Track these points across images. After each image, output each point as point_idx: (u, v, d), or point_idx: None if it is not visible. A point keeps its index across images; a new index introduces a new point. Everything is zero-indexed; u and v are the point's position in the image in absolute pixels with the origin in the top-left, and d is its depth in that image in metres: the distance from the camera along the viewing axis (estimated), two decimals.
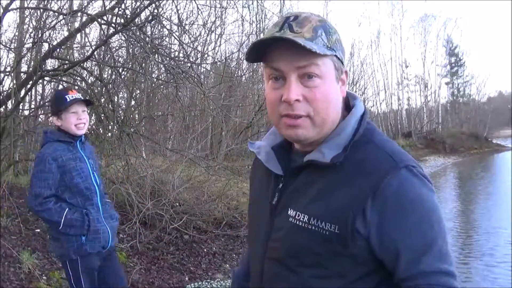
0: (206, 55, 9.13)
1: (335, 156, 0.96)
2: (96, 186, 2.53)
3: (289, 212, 1.01)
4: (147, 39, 4.94)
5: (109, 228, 2.53)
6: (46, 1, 5.44)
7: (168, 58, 5.25)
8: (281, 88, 0.96)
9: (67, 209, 2.40)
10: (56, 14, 5.20)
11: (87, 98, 2.65)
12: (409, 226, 0.92)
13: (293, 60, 0.94)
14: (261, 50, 0.97)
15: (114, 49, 5.57)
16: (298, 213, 0.99)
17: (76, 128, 2.48)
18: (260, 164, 1.14)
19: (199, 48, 8.77)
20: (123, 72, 5.79)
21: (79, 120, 2.48)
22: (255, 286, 1.10)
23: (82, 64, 4.97)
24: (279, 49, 0.95)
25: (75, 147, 2.51)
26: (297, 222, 0.98)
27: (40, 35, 5.31)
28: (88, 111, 2.63)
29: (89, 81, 5.58)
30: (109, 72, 5.95)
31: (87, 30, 5.45)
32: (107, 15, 4.75)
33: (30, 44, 5.48)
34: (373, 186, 0.92)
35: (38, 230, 4.37)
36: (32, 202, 2.43)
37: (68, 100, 2.45)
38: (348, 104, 1.06)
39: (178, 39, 5.59)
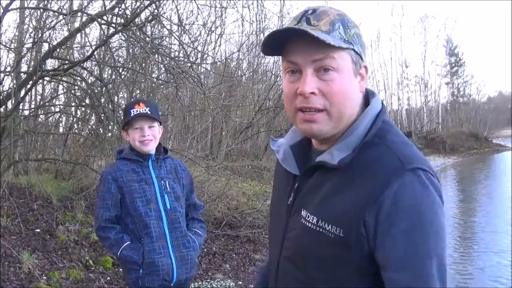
0: (206, 55, 9.13)
1: (342, 158, 0.94)
2: (163, 211, 2.23)
3: (302, 213, 1.00)
4: (147, 39, 4.95)
5: (175, 259, 2.22)
6: (46, 1, 5.44)
7: (168, 58, 5.25)
8: (297, 82, 0.95)
9: (127, 243, 2.17)
10: (56, 14, 5.20)
11: (157, 113, 2.29)
12: (399, 233, 0.87)
13: (309, 53, 0.92)
14: (279, 44, 0.95)
15: (114, 49, 5.57)
16: (308, 214, 0.98)
17: (140, 144, 2.22)
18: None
19: (199, 48, 8.77)
20: (123, 72, 5.78)
21: (143, 137, 2.21)
22: (271, 283, 1.12)
23: (82, 64, 4.97)
24: (296, 42, 0.93)
25: (145, 167, 2.26)
26: (307, 224, 0.98)
27: (40, 35, 5.31)
28: (160, 127, 2.30)
29: (89, 81, 5.57)
30: (109, 72, 5.95)
31: (87, 30, 5.45)
32: (107, 15, 4.75)
33: (30, 44, 5.48)
34: (376, 190, 0.89)
35: (38, 230, 4.37)
36: (95, 224, 2.27)
37: (132, 114, 2.21)
38: (368, 102, 1.03)
39: (178, 39, 5.59)
